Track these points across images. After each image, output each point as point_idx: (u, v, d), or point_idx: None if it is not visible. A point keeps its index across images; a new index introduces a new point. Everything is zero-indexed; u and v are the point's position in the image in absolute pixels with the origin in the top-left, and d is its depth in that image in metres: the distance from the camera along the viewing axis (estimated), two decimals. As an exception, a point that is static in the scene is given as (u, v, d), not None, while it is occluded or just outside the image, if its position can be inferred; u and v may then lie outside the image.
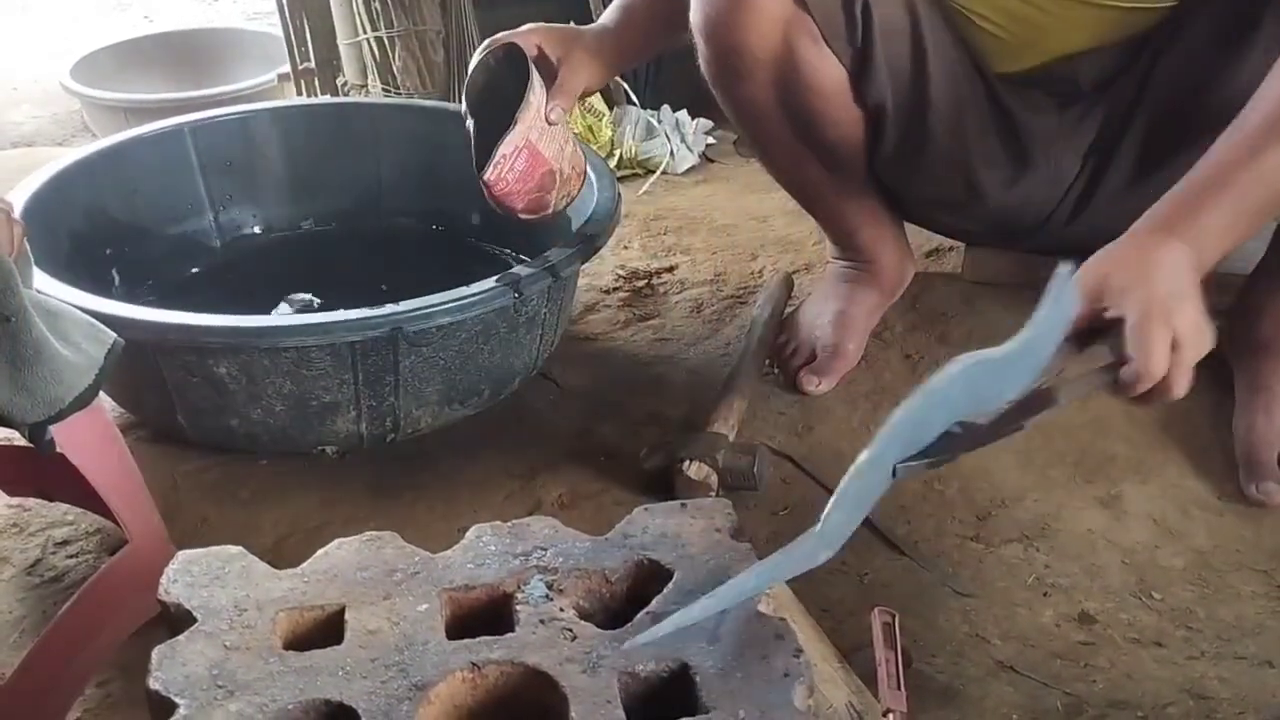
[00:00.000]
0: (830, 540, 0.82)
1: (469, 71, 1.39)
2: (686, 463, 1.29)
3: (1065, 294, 0.90)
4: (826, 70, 1.30)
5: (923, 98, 1.32)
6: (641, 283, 1.75)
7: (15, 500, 1.31)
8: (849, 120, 1.35)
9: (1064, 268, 0.91)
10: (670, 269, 1.79)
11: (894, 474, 0.83)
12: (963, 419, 0.87)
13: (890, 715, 0.96)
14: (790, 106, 1.33)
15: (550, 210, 1.41)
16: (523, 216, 1.39)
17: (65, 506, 1.30)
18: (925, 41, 1.30)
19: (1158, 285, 0.92)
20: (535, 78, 1.33)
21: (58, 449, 1.01)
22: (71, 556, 1.25)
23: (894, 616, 1.05)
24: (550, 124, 1.34)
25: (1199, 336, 0.92)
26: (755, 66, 1.30)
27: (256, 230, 1.76)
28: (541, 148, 1.34)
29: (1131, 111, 1.34)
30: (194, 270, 1.69)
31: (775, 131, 1.37)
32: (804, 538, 0.81)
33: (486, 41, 1.39)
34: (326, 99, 2.18)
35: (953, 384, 0.83)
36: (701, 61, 1.35)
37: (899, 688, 0.99)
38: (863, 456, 0.81)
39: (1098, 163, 1.41)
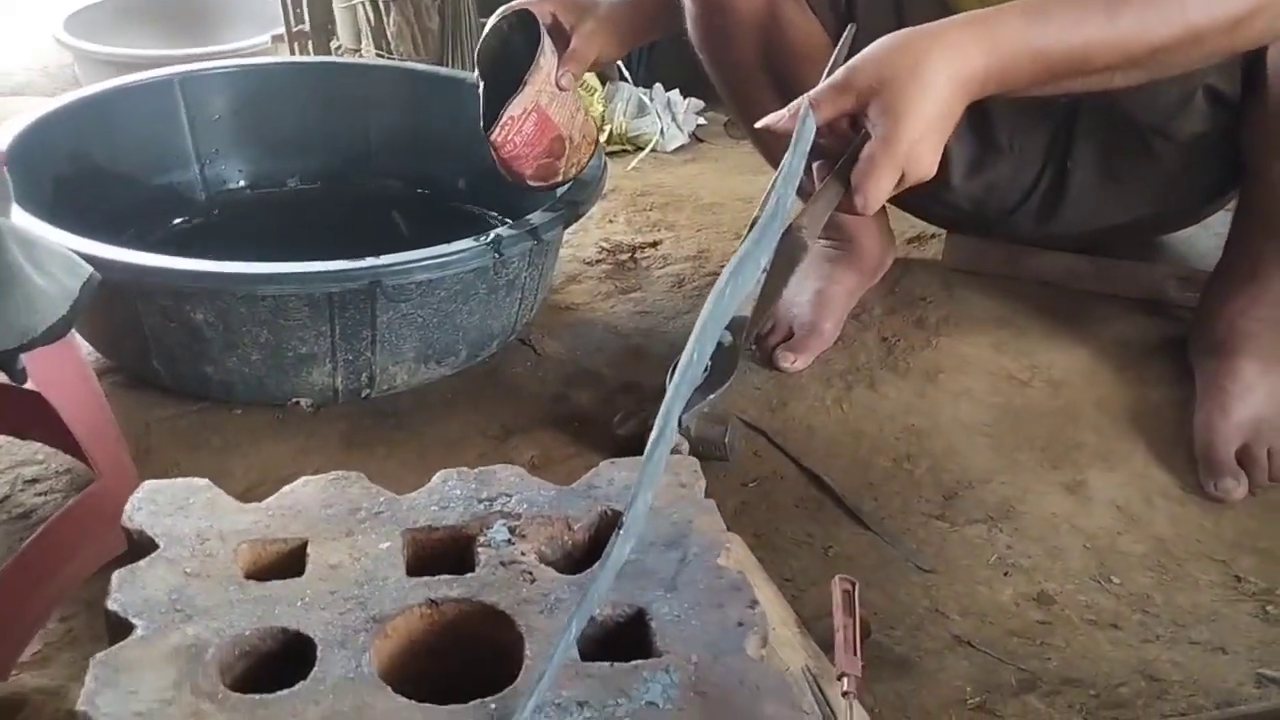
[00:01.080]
0: (635, 528, 0.76)
1: (483, 35, 1.40)
2: (659, 430, 1.30)
3: (805, 135, 0.93)
4: (810, 34, 1.31)
5: None
6: (625, 256, 1.76)
7: (-14, 437, 1.31)
8: None
9: (805, 107, 0.95)
10: (654, 244, 1.80)
11: (681, 425, 0.80)
12: (729, 324, 0.86)
13: (845, 679, 0.97)
14: (774, 71, 1.34)
15: (560, 178, 1.40)
16: (531, 183, 1.38)
17: (37, 445, 1.30)
18: (905, 10, 1.31)
19: (914, 117, 0.93)
20: (546, 42, 1.33)
21: (29, 381, 1.01)
22: (40, 494, 1.25)
23: (854, 585, 1.06)
24: (561, 89, 1.34)
25: (921, 175, 0.96)
26: (740, 28, 1.31)
27: (242, 185, 1.76)
28: (551, 113, 1.34)
29: (1078, 106, 1.35)
30: (177, 221, 1.69)
31: (759, 97, 1.38)
32: (612, 540, 0.75)
33: (503, 8, 1.39)
34: (319, 58, 2.18)
35: (720, 299, 0.82)
36: (689, 21, 1.36)
37: (855, 654, 1.00)
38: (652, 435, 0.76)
39: (1059, 166, 1.43)
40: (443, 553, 0.83)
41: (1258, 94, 1.24)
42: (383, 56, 2.12)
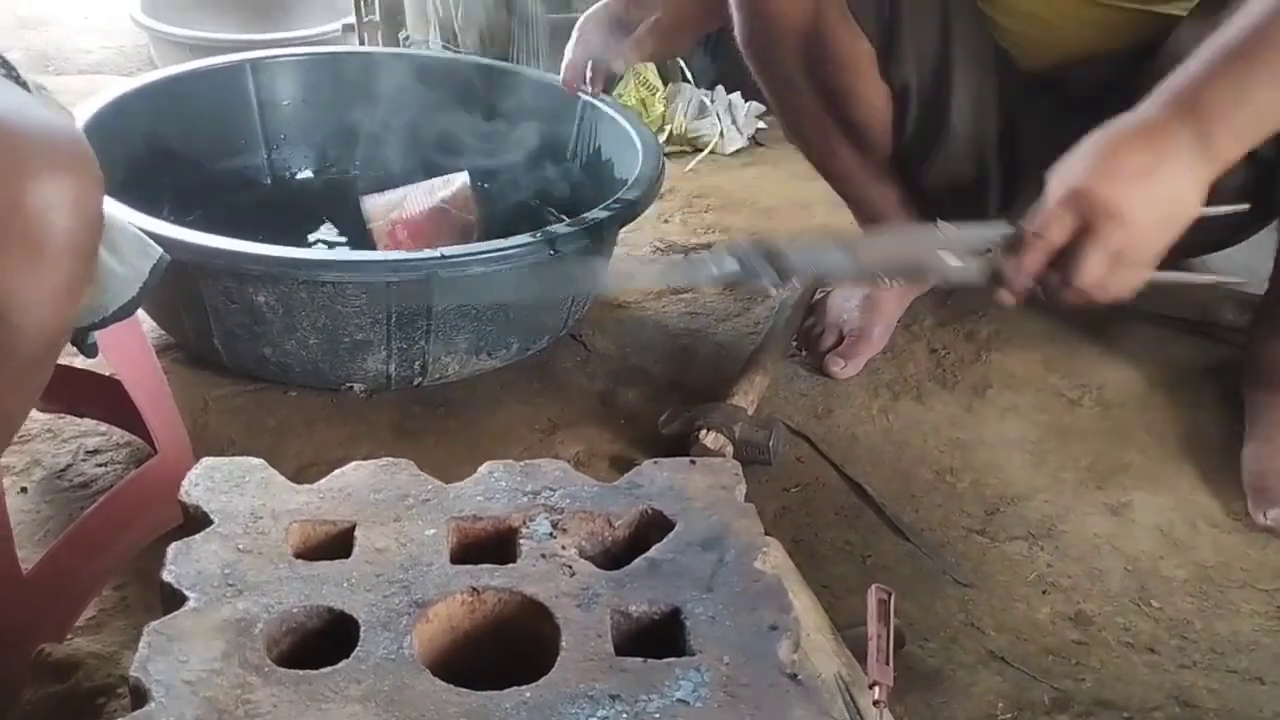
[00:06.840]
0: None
1: None
2: (704, 431, 1.31)
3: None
4: (854, 45, 1.31)
5: (945, 83, 1.33)
6: (678, 256, 1.77)
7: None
8: (876, 98, 1.36)
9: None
10: (708, 246, 1.81)
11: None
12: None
13: (876, 688, 0.98)
14: (818, 79, 1.34)
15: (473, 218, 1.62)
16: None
17: (99, 418, 1.34)
18: (952, 27, 1.31)
19: (1134, 218, 0.89)
20: None
21: (99, 355, 1.05)
22: (101, 465, 1.29)
23: (890, 594, 1.06)
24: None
25: (1126, 286, 0.94)
26: (784, 35, 1.31)
27: (308, 173, 1.79)
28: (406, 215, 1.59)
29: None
30: (242, 205, 1.73)
31: (804, 104, 1.39)
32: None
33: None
34: (387, 49, 2.21)
35: None
36: (735, 28, 1.37)
37: (887, 663, 1.00)
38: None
39: None
40: (486, 542, 0.85)
41: None
42: (448, 48, 2.14)
